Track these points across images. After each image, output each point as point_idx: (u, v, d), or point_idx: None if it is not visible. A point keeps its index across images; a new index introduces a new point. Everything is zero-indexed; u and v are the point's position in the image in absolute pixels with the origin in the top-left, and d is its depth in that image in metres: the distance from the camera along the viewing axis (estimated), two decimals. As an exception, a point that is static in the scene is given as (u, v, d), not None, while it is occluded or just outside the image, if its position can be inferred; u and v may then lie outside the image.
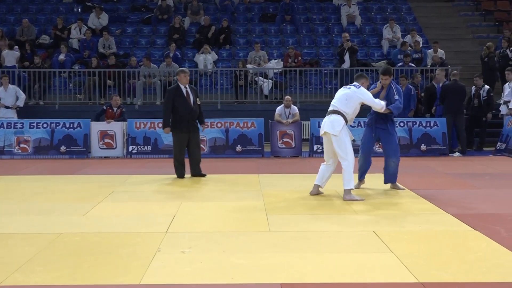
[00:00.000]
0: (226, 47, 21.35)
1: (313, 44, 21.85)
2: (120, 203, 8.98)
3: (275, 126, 15.42)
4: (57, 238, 6.77)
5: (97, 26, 21.69)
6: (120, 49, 21.26)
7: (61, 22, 21.29)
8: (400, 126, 15.33)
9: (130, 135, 15.24)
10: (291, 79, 19.33)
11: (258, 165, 13.60)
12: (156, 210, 8.43)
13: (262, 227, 7.35)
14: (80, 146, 15.26)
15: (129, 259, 5.98)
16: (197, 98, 11.48)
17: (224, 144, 15.26)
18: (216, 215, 8.14)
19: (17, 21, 22.40)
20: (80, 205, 8.73)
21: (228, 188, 10.39)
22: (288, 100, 15.61)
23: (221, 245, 6.49)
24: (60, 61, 19.49)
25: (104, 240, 6.74)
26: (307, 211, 8.38)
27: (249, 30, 22.71)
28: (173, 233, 7.05)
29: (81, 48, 20.65)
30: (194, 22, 22.54)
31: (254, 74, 19.15)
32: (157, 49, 21.42)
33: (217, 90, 18.68)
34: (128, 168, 13.03)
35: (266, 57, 19.95)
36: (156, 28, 22.51)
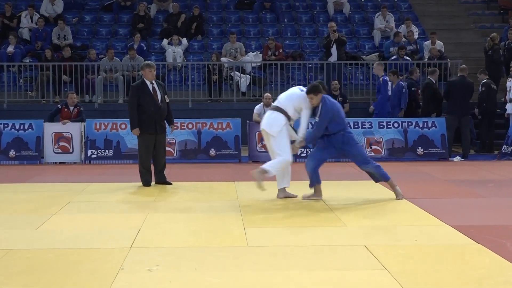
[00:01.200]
0: (197, 38, 21.35)
1: (296, 34, 21.93)
2: (77, 215, 8.93)
3: (254, 127, 15.42)
4: (6, 255, 6.72)
5: (50, 14, 21.59)
6: (77, 40, 21.18)
7: (9, 9, 21.18)
8: (394, 127, 15.44)
9: (89, 137, 15.17)
10: (272, 74, 19.38)
11: (234, 172, 13.60)
12: (118, 223, 8.40)
13: (239, 242, 7.35)
14: (31, 150, 15.17)
15: (88, 278, 5.96)
16: (165, 95, 11.46)
17: (196, 147, 15.25)
18: (187, 228, 8.13)
19: (-42, 7, 22.25)
20: (31, 218, 8.67)
21: (201, 197, 10.38)
22: (268, 98, 15.64)
23: (193, 262, 6.48)
24: (8, 54, 19.38)
25: (59, 257, 6.70)
26: (290, 223, 8.40)
27: (223, 19, 22.74)
28: (138, 248, 7.03)
29: (32, 39, 20.54)
30: (161, 9, 22.54)
31: (229, 69, 19.16)
32: (119, 40, 21.37)
33: (188, 87, 18.67)
34: (87, 175, 12.97)
35: (243, 49, 19.98)
36: (118, 16, 22.47)
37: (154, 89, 11.35)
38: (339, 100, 17.23)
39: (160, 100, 11.32)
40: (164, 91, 11.54)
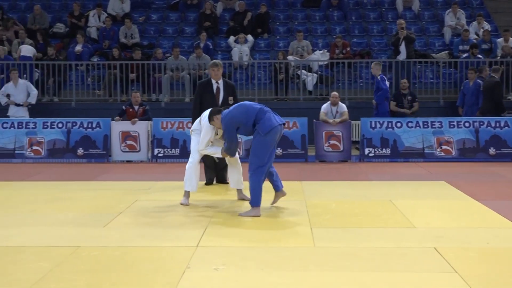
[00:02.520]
0: (264, 36, 21.37)
1: (364, 32, 21.77)
2: (144, 214, 9.04)
3: (321, 127, 15.39)
4: (74, 252, 6.85)
5: (118, 13, 21.90)
6: (144, 38, 21.43)
7: (77, 9, 21.54)
8: (465, 126, 15.21)
9: (156, 136, 15.34)
10: (339, 73, 19.27)
11: (301, 171, 13.58)
12: (184, 222, 8.47)
13: (306, 242, 7.34)
14: (99, 148, 15.41)
15: (154, 277, 6.02)
16: (230, 96, 11.35)
17: (262, 146, 15.23)
18: (253, 227, 8.15)
19: (29, 7, 22.73)
20: (99, 216, 8.82)
21: (267, 197, 10.38)
22: (335, 96, 15.57)
23: (259, 261, 6.49)
24: (76, 53, 19.70)
25: (126, 254, 6.79)
26: (357, 224, 8.35)
27: (290, 17, 22.71)
28: (204, 247, 7.08)
29: (100, 38, 20.85)
30: (227, 7, 22.63)
31: (296, 67, 19.13)
32: (185, 39, 21.54)
33: (254, 85, 18.70)
34: (154, 173, 13.11)
35: (310, 48, 19.93)
36: (185, 15, 22.65)
37: (218, 88, 11.35)
38: (408, 99, 17.06)
39: (221, 100, 11.30)
40: (231, 93, 11.43)
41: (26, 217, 8.78)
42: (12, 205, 9.63)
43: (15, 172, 13.49)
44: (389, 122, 15.38)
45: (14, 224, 8.31)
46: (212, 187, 11.33)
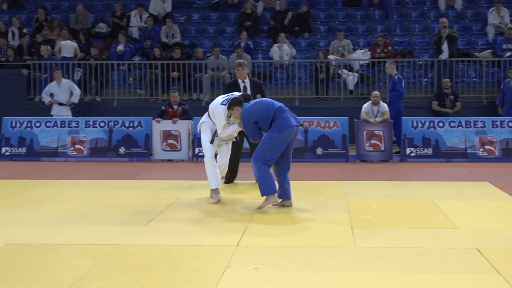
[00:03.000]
0: (305, 36, 21.35)
1: (406, 31, 21.61)
2: (185, 212, 9.08)
3: (362, 126, 15.32)
4: (116, 250, 6.90)
5: (159, 13, 22.03)
6: (185, 38, 21.54)
7: (119, 9, 21.72)
8: (509, 126, 15.07)
9: (197, 135, 15.38)
10: (380, 72, 19.16)
11: (341, 171, 13.54)
12: (225, 221, 8.49)
13: (346, 242, 7.31)
14: (140, 147, 15.53)
15: (195, 275, 6.05)
16: (257, 94, 11.47)
17: (302, 146, 15.25)
18: (293, 227, 8.15)
19: (72, 7, 22.98)
20: (140, 214, 8.88)
21: (307, 196, 10.37)
22: (376, 96, 15.50)
23: (299, 261, 6.49)
24: (118, 52, 19.87)
25: (167, 253, 6.83)
26: (399, 224, 8.30)
27: (331, 16, 22.64)
28: (244, 247, 7.09)
29: (141, 38, 21.01)
30: (268, 7, 22.64)
31: (337, 66, 19.07)
32: (226, 38, 21.60)
33: (295, 85, 18.69)
34: (194, 172, 13.17)
35: (351, 47, 19.85)
36: (226, 15, 22.71)
37: (245, 88, 11.53)
38: (450, 98, 16.90)
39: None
40: (259, 91, 11.57)
41: (68, 215, 8.87)
42: (55, 203, 9.75)
43: (57, 171, 13.65)
44: (431, 121, 15.27)
45: (56, 222, 8.41)
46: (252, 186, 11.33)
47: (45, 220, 8.54)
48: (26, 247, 7.06)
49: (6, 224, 8.27)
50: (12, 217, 8.77)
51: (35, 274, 6.06)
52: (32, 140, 15.71)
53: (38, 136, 15.73)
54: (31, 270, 6.19)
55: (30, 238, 7.50)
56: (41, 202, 9.86)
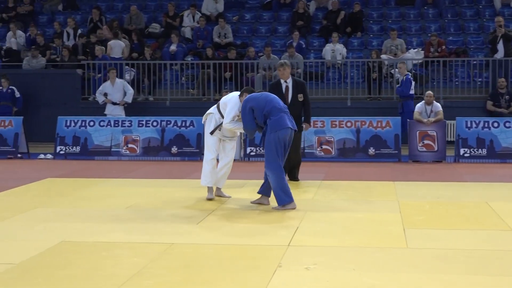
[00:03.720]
0: (357, 35, 21.24)
1: (460, 30, 21.36)
2: (236, 212, 9.12)
3: (415, 126, 15.19)
4: (168, 249, 6.97)
5: (212, 13, 22.14)
6: (237, 38, 21.60)
7: (172, 9, 21.89)
8: None
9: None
10: (434, 72, 18.97)
11: (394, 171, 13.45)
12: (276, 221, 8.51)
13: (398, 243, 7.27)
14: (192, 147, 15.63)
15: (246, 275, 6.07)
16: (299, 94, 11.60)
17: (354, 146, 15.19)
18: (345, 227, 8.13)
19: (125, 8, 23.23)
20: (192, 213, 8.95)
21: (359, 197, 10.34)
22: (430, 96, 15.35)
23: (350, 262, 6.47)
24: (171, 52, 20.02)
25: (219, 252, 6.87)
26: (452, 225, 8.22)
27: (384, 15, 22.49)
28: (295, 246, 7.09)
29: (194, 38, 21.14)
30: (320, 6, 22.58)
31: (389, 66, 18.94)
32: (278, 38, 21.61)
33: (347, 85, 18.61)
34: (246, 172, 13.21)
35: (404, 46, 19.69)
36: (278, 14, 22.72)
37: (287, 87, 11.64)
38: (506, 98, 16.66)
39: (290, 98, 11.57)
40: (301, 90, 11.69)
41: (122, 213, 8.99)
42: (108, 202, 9.87)
43: (111, 170, 13.82)
44: (485, 122, 15.07)
45: (110, 220, 8.52)
46: (307, 186, 11.34)
47: (98, 218, 8.67)
48: (80, 245, 7.18)
49: (61, 222, 8.41)
50: (66, 215, 8.91)
51: (89, 271, 6.16)
52: (86, 139, 15.92)
53: (92, 135, 15.94)
54: (85, 267, 6.29)
55: (84, 236, 7.62)
56: (95, 201, 10.00)
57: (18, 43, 20.93)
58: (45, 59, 19.93)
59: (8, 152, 16.02)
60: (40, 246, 7.03)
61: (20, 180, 12.10)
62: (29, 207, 9.37)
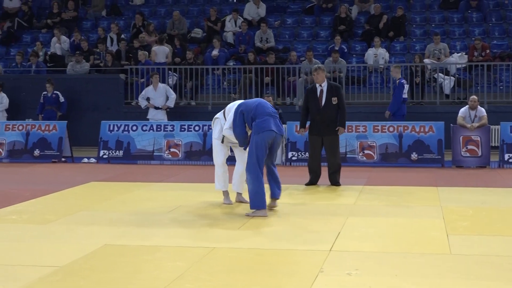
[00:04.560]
0: (400, 39, 21.12)
1: (505, 34, 21.11)
2: (278, 216, 9.12)
3: (458, 131, 15.04)
4: (209, 253, 6.99)
5: (254, 17, 22.19)
6: (279, 42, 21.62)
7: (214, 14, 21.98)
8: None
9: (290, 140, 15.42)
10: (478, 76, 18.77)
11: (437, 176, 13.33)
12: (318, 226, 8.48)
13: (442, 249, 7.19)
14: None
15: (288, 280, 6.06)
16: (333, 97, 11.62)
17: (397, 151, 15.08)
18: (387, 233, 8.08)
19: (168, 13, 23.39)
20: (233, 217, 8.96)
21: (402, 202, 10.26)
22: (473, 100, 15.19)
23: (393, 267, 6.42)
24: (213, 57, 20.11)
25: (260, 257, 6.87)
26: (497, 231, 8.11)
27: (427, 19, 22.33)
28: (337, 252, 7.07)
29: (236, 42, 21.19)
30: (362, 11, 22.50)
31: (433, 70, 18.79)
32: (320, 43, 21.58)
33: (389, 89, 18.51)
34: (288, 176, 13.17)
35: (447, 50, 19.52)
36: (320, 19, 22.69)
37: (322, 91, 11.68)
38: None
39: (323, 102, 11.62)
40: (335, 93, 11.69)
41: (164, 217, 9.03)
42: (150, 206, 9.94)
43: (153, 174, 13.90)
44: (531, 126, 14.88)
45: (152, 224, 8.57)
46: (348, 191, 11.29)
47: (141, 222, 8.72)
48: (123, 248, 7.23)
49: (104, 225, 8.48)
50: (109, 218, 8.98)
51: (131, 275, 6.20)
52: (129, 143, 16.04)
53: (134, 140, 16.05)
54: (127, 271, 6.33)
55: (127, 240, 7.68)
56: (137, 204, 10.07)
57: (63, 48, 21.20)
58: (89, 64, 20.15)
59: (52, 156, 16.22)
60: (84, 249, 7.10)
61: (64, 183, 12.24)
62: (72, 211, 9.48)
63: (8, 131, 16.53)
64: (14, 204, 10.04)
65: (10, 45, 22.70)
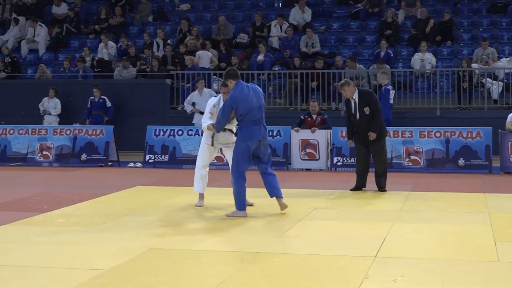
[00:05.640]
0: (447, 44, 20.92)
1: (555, 38, 20.80)
2: (322, 222, 9.10)
3: (506, 137, 14.84)
4: (254, 258, 7.00)
5: (299, 22, 22.17)
6: (325, 47, 21.56)
7: (259, 19, 22.02)
8: None
9: (335, 145, 15.38)
10: (527, 81, 18.51)
11: (484, 183, 13.18)
12: (363, 231, 8.44)
13: (489, 256, 7.10)
14: (279, 156, 15.65)
15: (332, 286, 6.04)
16: (365, 107, 11.56)
17: (443, 157, 14.94)
18: (433, 239, 8.01)
19: (214, 18, 23.50)
20: (278, 223, 8.97)
21: (448, 208, 10.16)
22: (522, 105, 14.98)
23: (439, 274, 6.36)
24: (258, 62, 20.14)
25: (304, 262, 6.86)
26: (546, 239, 7.99)
27: (475, 23, 22.09)
28: (383, 258, 7.02)
29: (281, 47, 21.20)
30: (409, 15, 22.34)
31: (480, 75, 18.57)
32: (366, 47, 21.48)
33: (436, 94, 18.35)
34: (332, 182, 13.17)
35: (495, 55, 19.29)
36: (366, 23, 22.59)
37: (355, 104, 11.66)
38: None
39: (358, 115, 11.63)
40: (365, 103, 11.61)
41: (210, 222, 9.07)
42: (196, 210, 9.98)
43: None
44: None
45: (197, 229, 8.63)
46: (394, 197, 11.21)
47: (186, 226, 8.77)
48: (168, 252, 7.28)
49: (150, 229, 8.55)
50: (155, 222, 9.05)
51: (176, 279, 6.23)
52: (174, 148, 16.15)
53: (180, 144, 16.15)
54: (173, 274, 6.37)
55: (172, 244, 7.72)
56: (182, 209, 10.13)
57: (110, 53, 21.43)
58: (135, 69, 20.33)
59: (99, 160, 16.41)
60: (129, 253, 7.16)
61: (110, 187, 12.36)
62: (118, 214, 9.57)
63: (56, 135, 16.77)
64: (62, 207, 10.18)
65: (59, 50, 23.03)
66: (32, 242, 7.83)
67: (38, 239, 7.99)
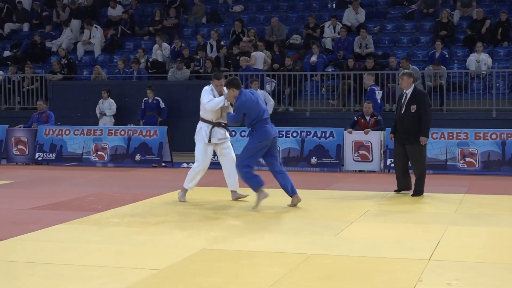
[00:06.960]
0: (503, 45, 20.60)
1: None
2: (375, 224, 9.04)
3: None
4: (307, 259, 6.98)
5: (353, 23, 22.06)
6: (379, 48, 21.42)
7: (313, 20, 21.96)
8: None
9: (389, 146, 15.26)
10: None
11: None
12: (416, 234, 8.36)
13: (546, 261, 6.97)
14: (332, 157, 15.60)
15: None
16: (413, 105, 11.30)
17: (499, 159, 14.70)
18: (489, 242, 7.89)
19: (267, 20, 23.52)
20: (331, 224, 8.93)
21: (505, 211, 10.01)
22: None
23: (495, 279, 6.27)
24: (311, 63, 20.10)
25: (357, 264, 6.82)
26: None
27: (533, 24, 21.70)
28: (437, 261, 6.94)
29: (335, 48, 21.12)
30: (465, 15, 22.05)
31: (538, 76, 18.25)
32: (420, 48, 21.26)
33: (492, 96, 18.09)
34: (386, 184, 13.05)
35: (553, 56, 18.93)
36: (420, 24, 22.36)
37: (406, 98, 11.46)
38: None
39: (403, 110, 11.41)
40: (416, 101, 11.35)
41: (262, 223, 9.08)
42: (248, 212, 10.00)
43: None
44: None
45: (250, 229, 8.64)
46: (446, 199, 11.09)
47: (238, 227, 8.80)
48: (221, 253, 7.30)
49: (202, 230, 8.59)
50: (208, 223, 9.09)
51: (229, 279, 6.25)
52: (227, 149, 16.17)
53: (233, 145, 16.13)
54: (225, 275, 6.39)
55: (224, 244, 7.75)
56: (235, 210, 10.17)
57: (164, 55, 21.61)
58: (189, 70, 20.46)
59: (153, 160, 16.55)
60: (182, 253, 7.21)
61: (163, 188, 12.46)
62: (171, 215, 9.63)
63: (111, 136, 16.96)
64: (116, 207, 10.29)
65: (114, 52, 23.31)
66: (87, 241, 7.94)
67: (93, 238, 8.09)
